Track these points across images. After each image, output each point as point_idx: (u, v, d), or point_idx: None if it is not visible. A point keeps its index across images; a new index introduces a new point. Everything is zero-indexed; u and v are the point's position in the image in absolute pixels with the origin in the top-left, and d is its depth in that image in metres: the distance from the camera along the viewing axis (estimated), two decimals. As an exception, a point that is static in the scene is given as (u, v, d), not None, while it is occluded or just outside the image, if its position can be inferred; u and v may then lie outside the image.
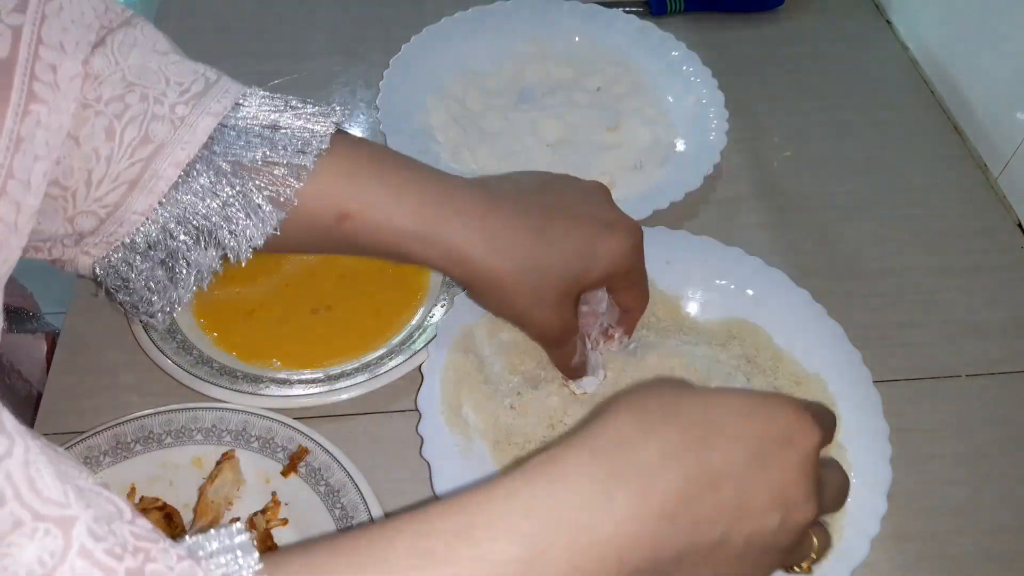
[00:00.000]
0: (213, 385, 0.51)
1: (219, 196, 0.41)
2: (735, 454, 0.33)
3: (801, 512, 0.34)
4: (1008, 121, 0.66)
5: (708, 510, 0.32)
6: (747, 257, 0.58)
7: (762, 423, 0.34)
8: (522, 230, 0.45)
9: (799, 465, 0.33)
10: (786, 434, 0.34)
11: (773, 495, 0.33)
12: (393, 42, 0.72)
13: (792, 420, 0.34)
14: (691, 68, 0.71)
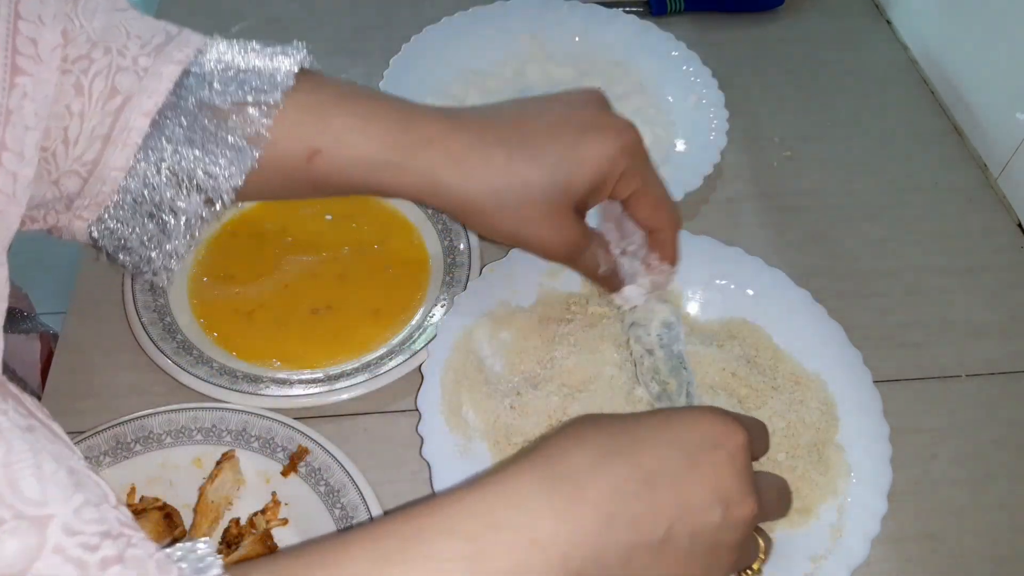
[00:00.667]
0: (213, 385, 0.51)
1: (193, 141, 0.41)
2: (665, 455, 0.34)
3: (741, 507, 0.34)
4: (1008, 121, 0.66)
5: (647, 508, 0.33)
6: (747, 257, 0.58)
7: (686, 429, 0.35)
8: (493, 148, 0.43)
9: (729, 463, 0.35)
10: (711, 437, 0.35)
11: (711, 491, 0.34)
12: (393, 42, 0.72)
13: (715, 423, 0.35)
14: (691, 68, 0.71)
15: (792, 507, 0.47)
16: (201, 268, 0.60)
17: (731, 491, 0.34)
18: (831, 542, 0.46)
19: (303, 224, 0.62)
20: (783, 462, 0.49)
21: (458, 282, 0.57)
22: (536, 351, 0.54)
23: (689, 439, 0.35)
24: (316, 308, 0.58)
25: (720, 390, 0.52)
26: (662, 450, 0.34)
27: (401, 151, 0.42)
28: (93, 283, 0.59)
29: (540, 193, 0.43)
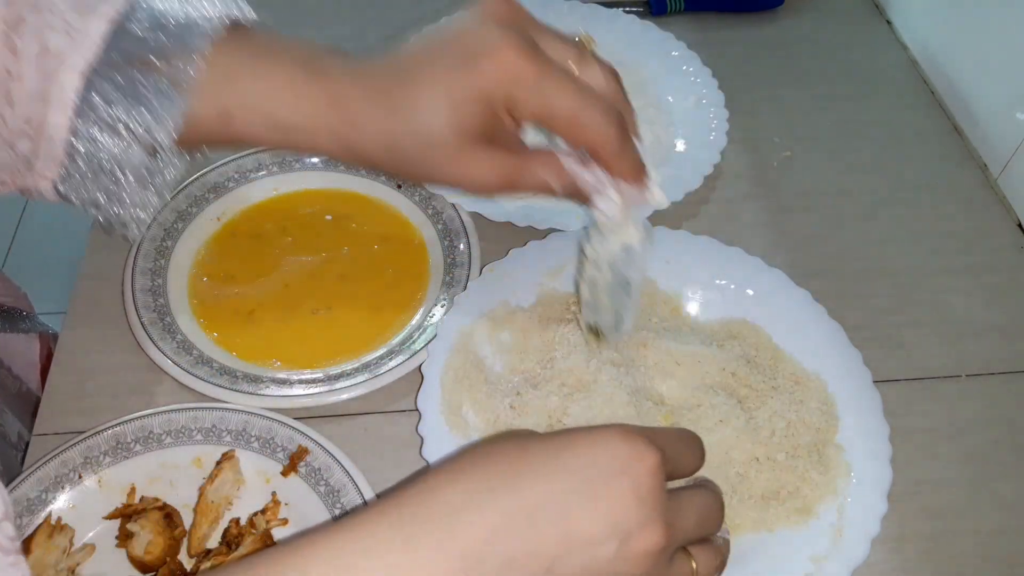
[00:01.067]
0: (213, 385, 0.51)
1: (126, 94, 0.41)
2: (553, 488, 0.32)
3: (641, 538, 0.32)
4: (1008, 121, 0.66)
5: (525, 546, 0.31)
6: (747, 257, 0.58)
7: (586, 455, 0.33)
8: (383, 103, 0.42)
9: (631, 492, 0.32)
10: (615, 463, 0.33)
11: (604, 524, 0.32)
12: (393, 42, 0.72)
13: (619, 447, 0.33)
14: (691, 68, 0.71)
15: (792, 507, 0.48)
16: (201, 268, 0.60)
17: (629, 521, 0.32)
18: (831, 542, 0.46)
19: (303, 224, 0.62)
20: (783, 462, 0.49)
21: (458, 282, 0.57)
22: (536, 351, 0.54)
23: (588, 465, 0.33)
24: (316, 308, 0.58)
25: (720, 390, 0.52)
26: (553, 480, 0.32)
27: (307, 117, 0.43)
28: (93, 283, 0.59)
29: (439, 137, 0.42)
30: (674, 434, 0.38)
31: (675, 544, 0.34)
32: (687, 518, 0.35)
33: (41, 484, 0.48)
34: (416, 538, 0.31)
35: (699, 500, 0.37)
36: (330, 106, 0.42)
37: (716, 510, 0.38)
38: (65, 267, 1.83)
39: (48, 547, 0.45)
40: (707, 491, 0.38)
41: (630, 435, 0.34)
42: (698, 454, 0.39)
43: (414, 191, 0.63)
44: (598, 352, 0.52)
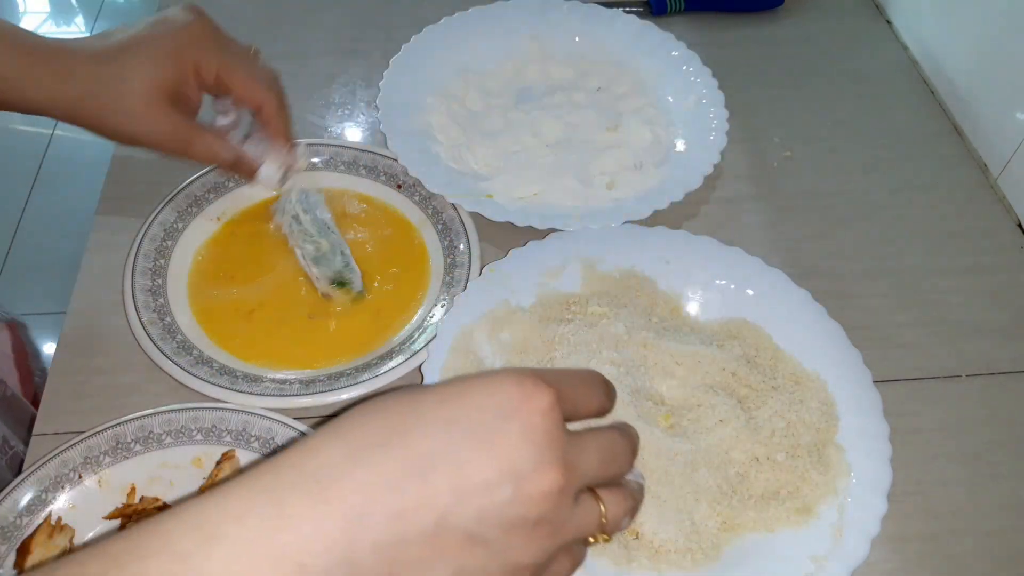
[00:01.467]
0: (213, 385, 0.51)
1: None
2: (443, 437, 0.32)
3: (536, 480, 0.32)
4: (1008, 121, 0.66)
5: (412, 499, 0.30)
6: (747, 257, 0.58)
7: (476, 401, 0.32)
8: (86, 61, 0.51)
9: (523, 434, 0.32)
10: (505, 406, 0.32)
11: (496, 469, 0.31)
12: (393, 42, 0.72)
13: (510, 391, 0.33)
14: (691, 68, 0.71)
15: (792, 507, 0.48)
16: (201, 269, 0.60)
17: (523, 463, 0.31)
18: (831, 542, 0.46)
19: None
20: (783, 462, 0.49)
21: (458, 282, 0.57)
22: (536, 351, 0.54)
23: (477, 411, 0.32)
24: (316, 308, 0.58)
25: (720, 390, 0.52)
26: (441, 430, 0.32)
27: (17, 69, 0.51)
28: (93, 283, 0.59)
29: (128, 92, 0.52)
30: (573, 373, 0.37)
31: (576, 484, 0.34)
32: (589, 458, 0.34)
33: (41, 484, 0.48)
34: (291, 501, 0.30)
35: (602, 439, 0.36)
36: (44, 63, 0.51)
37: (622, 450, 0.37)
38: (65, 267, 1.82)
39: (48, 547, 0.45)
40: (612, 431, 0.37)
41: (520, 377, 0.33)
42: (600, 393, 0.38)
43: (414, 191, 0.63)
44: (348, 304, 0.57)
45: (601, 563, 0.46)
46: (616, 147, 0.66)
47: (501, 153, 0.66)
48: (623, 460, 0.37)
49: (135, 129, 0.53)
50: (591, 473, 0.34)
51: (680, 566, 0.46)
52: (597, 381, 0.38)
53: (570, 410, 0.35)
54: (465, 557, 0.31)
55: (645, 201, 0.61)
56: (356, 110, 0.72)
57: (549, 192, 0.63)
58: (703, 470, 0.48)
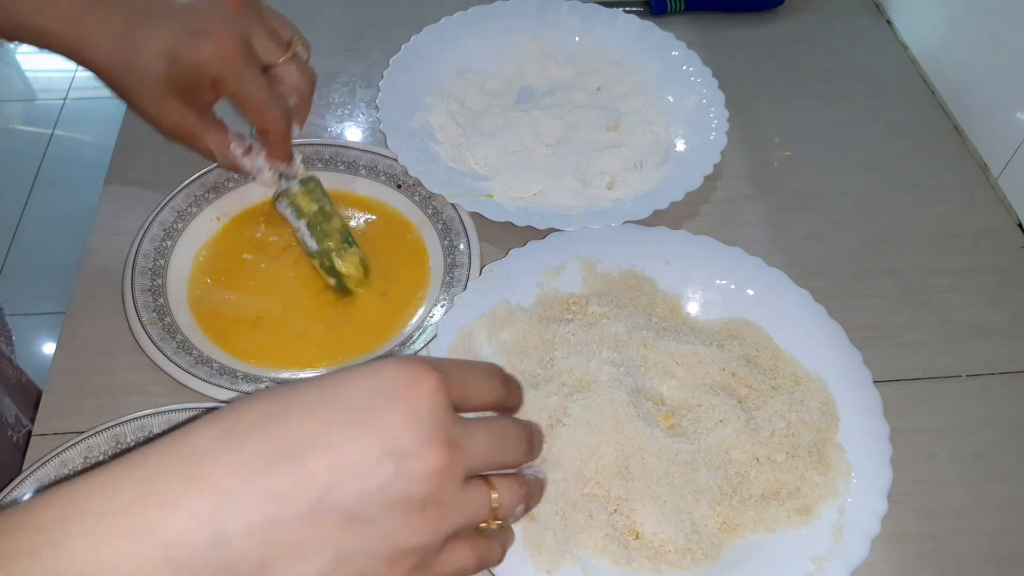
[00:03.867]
0: (213, 385, 0.51)
1: None
2: (322, 418, 0.31)
3: (419, 459, 0.32)
4: (1008, 121, 0.66)
5: (288, 479, 0.30)
6: (747, 257, 0.58)
7: (360, 383, 0.33)
8: (110, 31, 0.50)
9: (406, 413, 0.32)
10: (389, 387, 0.32)
11: (377, 448, 0.31)
12: (393, 42, 0.72)
13: (394, 373, 0.33)
14: (691, 68, 0.71)
15: (792, 507, 0.48)
16: (201, 268, 0.60)
17: (405, 442, 0.31)
18: (832, 542, 0.46)
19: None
20: (783, 462, 0.49)
21: (458, 282, 0.57)
22: (536, 351, 0.54)
23: (359, 393, 0.32)
24: (316, 308, 0.58)
25: (720, 390, 0.52)
26: (321, 413, 0.31)
27: (41, 19, 0.50)
28: (93, 284, 0.59)
29: (149, 76, 0.51)
30: (467, 363, 0.37)
31: (463, 466, 0.33)
32: (477, 441, 0.34)
33: (41, 484, 0.47)
34: (159, 480, 0.29)
35: (493, 425, 0.36)
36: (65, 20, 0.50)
37: (515, 438, 0.36)
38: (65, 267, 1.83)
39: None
40: (506, 419, 0.37)
41: (406, 361, 0.33)
42: (496, 384, 0.37)
43: (414, 191, 0.63)
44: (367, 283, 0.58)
45: (600, 563, 0.46)
46: (616, 147, 0.66)
47: (501, 153, 0.66)
48: (516, 448, 0.36)
49: (146, 112, 0.53)
50: (480, 457, 0.34)
51: (680, 566, 0.46)
52: (493, 372, 0.38)
53: (459, 397, 0.35)
54: (346, 539, 0.31)
55: (645, 201, 0.61)
56: (356, 110, 0.72)
57: (549, 192, 0.63)
58: (703, 470, 0.48)
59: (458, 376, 0.35)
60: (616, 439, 0.49)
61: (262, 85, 0.54)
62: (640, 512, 0.47)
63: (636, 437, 0.49)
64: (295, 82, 0.57)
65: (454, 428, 0.33)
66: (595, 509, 0.47)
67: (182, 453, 0.30)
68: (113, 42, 0.50)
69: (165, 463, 0.30)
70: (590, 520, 0.47)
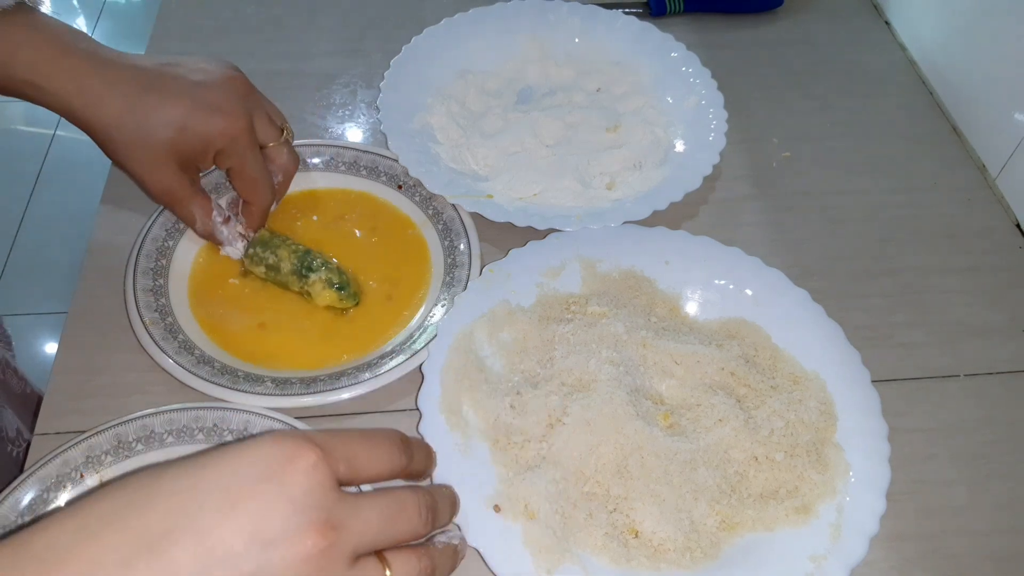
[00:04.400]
0: (215, 385, 0.51)
1: None
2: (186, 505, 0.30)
3: (293, 544, 0.30)
4: (1007, 121, 0.66)
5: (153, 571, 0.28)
6: (746, 257, 0.58)
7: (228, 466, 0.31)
8: (121, 94, 0.52)
9: (278, 495, 0.30)
10: (261, 468, 0.31)
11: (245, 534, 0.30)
12: (393, 42, 0.73)
13: (268, 452, 0.31)
14: (691, 69, 0.71)
15: (791, 506, 0.48)
16: (201, 270, 0.60)
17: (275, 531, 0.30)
18: (831, 542, 0.47)
19: (303, 224, 0.62)
20: (782, 461, 0.49)
21: (458, 282, 0.57)
22: (536, 351, 0.54)
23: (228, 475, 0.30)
24: (316, 308, 0.58)
25: (719, 389, 0.52)
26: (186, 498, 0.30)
27: (44, 78, 0.51)
28: (95, 284, 0.59)
29: (153, 141, 0.53)
30: (358, 434, 0.35)
31: (348, 545, 0.32)
32: (366, 517, 0.33)
33: (43, 484, 0.48)
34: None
35: (385, 499, 0.34)
36: (63, 78, 0.51)
37: (412, 509, 0.35)
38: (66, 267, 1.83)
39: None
40: (403, 490, 0.35)
41: (282, 438, 0.32)
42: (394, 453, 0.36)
43: (414, 191, 0.63)
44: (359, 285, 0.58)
45: (600, 561, 0.46)
46: (616, 147, 0.66)
47: (501, 153, 0.66)
48: (412, 520, 0.35)
49: (133, 172, 0.55)
50: (369, 534, 0.33)
51: (679, 565, 0.46)
52: (390, 440, 0.36)
53: (347, 471, 0.33)
54: None
55: (645, 201, 0.61)
56: (356, 111, 0.72)
57: (549, 192, 0.63)
58: (702, 469, 0.49)
59: (344, 449, 0.33)
60: (615, 438, 0.49)
61: (260, 162, 0.57)
62: (639, 511, 0.47)
63: (635, 436, 0.49)
64: (284, 163, 0.59)
65: (336, 507, 0.31)
66: (595, 508, 0.47)
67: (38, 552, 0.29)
68: (123, 104, 0.52)
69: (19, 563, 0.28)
70: (590, 519, 0.47)
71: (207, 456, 0.32)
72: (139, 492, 0.30)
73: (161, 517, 0.29)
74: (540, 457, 0.49)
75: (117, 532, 0.29)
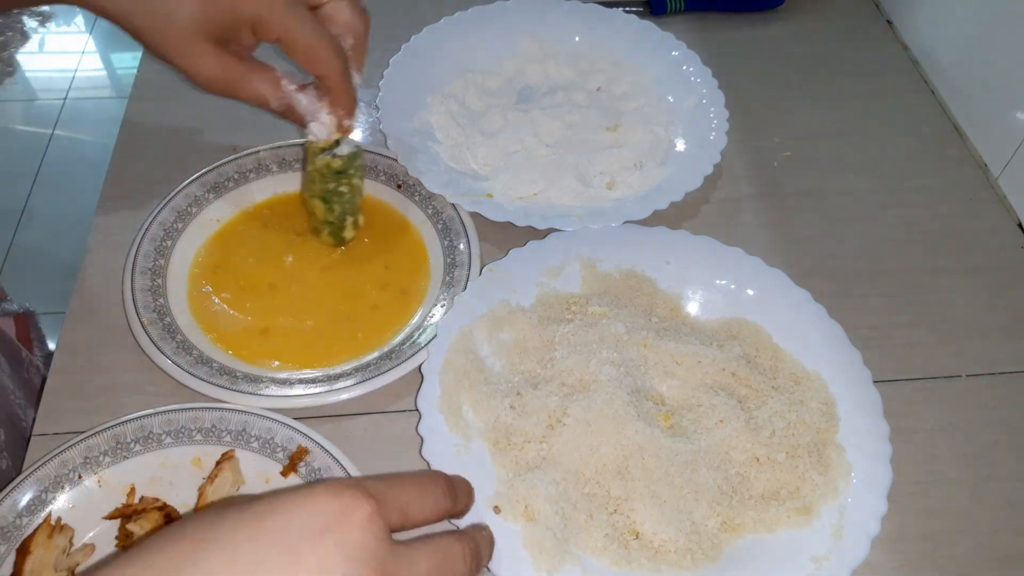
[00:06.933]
0: (213, 385, 0.51)
1: None
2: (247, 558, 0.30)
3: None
4: (1008, 121, 0.66)
5: None
6: (747, 257, 0.58)
7: (286, 518, 0.31)
8: None
9: (336, 549, 0.31)
10: (318, 521, 0.31)
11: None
12: (393, 42, 0.72)
13: (325, 505, 0.32)
14: (691, 68, 0.71)
15: (792, 507, 0.48)
16: (201, 268, 0.60)
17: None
18: (832, 542, 0.46)
19: (303, 224, 0.62)
20: (783, 462, 0.49)
21: (458, 282, 0.57)
22: (536, 351, 0.54)
23: (287, 528, 0.31)
24: (315, 308, 0.58)
25: (720, 390, 0.52)
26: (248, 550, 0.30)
27: None
28: (93, 284, 0.59)
29: (190, 19, 0.47)
30: (406, 479, 0.36)
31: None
32: (420, 566, 0.33)
33: (41, 484, 0.48)
34: None
35: (434, 548, 0.35)
36: None
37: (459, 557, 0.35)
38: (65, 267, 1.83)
39: (48, 547, 0.45)
40: (448, 537, 0.36)
41: (338, 489, 0.32)
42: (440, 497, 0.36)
43: (414, 191, 0.63)
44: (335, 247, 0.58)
45: (600, 563, 0.46)
46: (616, 147, 0.66)
47: (501, 153, 0.66)
48: (458, 566, 0.35)
49: (179, 64, 0.49)
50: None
51: (680, 566, 0.46)
52: (436, 484, 0.37)
53: (398, 519, 0.34)
54: None
55: (645, 201, 0.61)
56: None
57: (549, 192, 0.63)
58: (703, 470, 0.48)
59: (395, 497, 0.34)
60: (616, 439, 0.49)
61: (312, 24, 0.49)
62: (640, 512, 0.47)
63: (636, 437, 0.49)
64: (348, 20, 0.51)
65: (389, 559, 0.32)
66: (595, 509, 0.47)
67: None
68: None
69: None
70: (590, 520, 0.47)
71: (264, 505, 0.32)
72: (198, 543, 0.30)
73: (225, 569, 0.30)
74: (540, 458, 0.49)
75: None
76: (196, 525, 0.31)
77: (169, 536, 0.31)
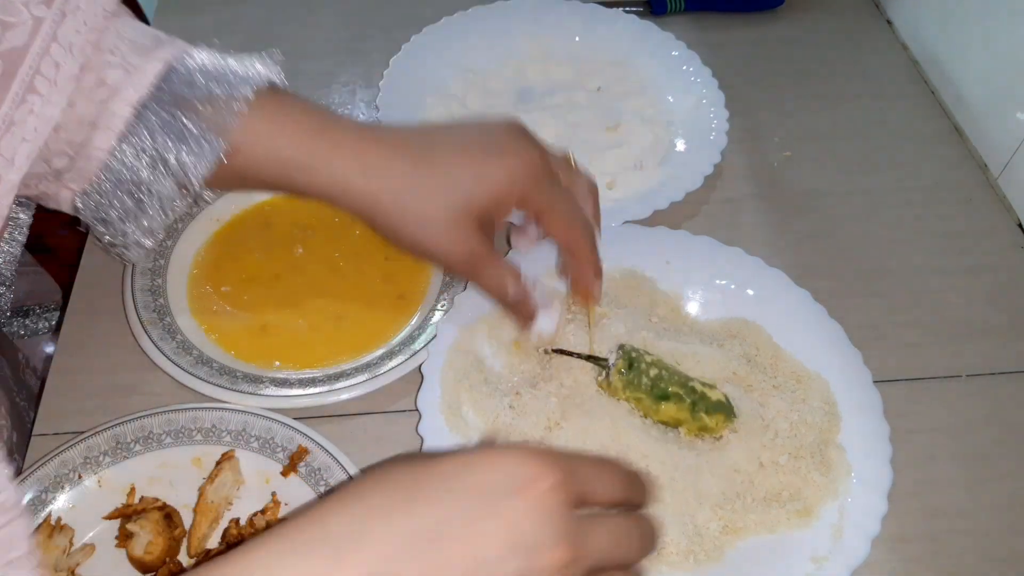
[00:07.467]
0: (213, 385, 0.51)
1: (169, 131, 0.44)
2: (456, 505, 0.32)
3: (547, 555, 0.32)
4: (1008, 121, 0.66)
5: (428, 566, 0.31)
6: (747, 257, 0.58)
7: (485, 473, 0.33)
8: (400, 158, 0.47)
9: (533, 509, 0.32)
10: (513, 480, 0.32)
11: (507, 541, 0.31)
12: (393, 42, 0.72)
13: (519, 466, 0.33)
14: (691, 68, 0.71)
15: (794, 509, 0.48)
16: (201, 269, 0.60)
17: (533, 540, 0.32)
18: (832, 542, 0.46)
19: (303, 225, 0.62)
20: (786, 464, 0.49)
21: (458, 282, 0.57)
22: (536, 352, 0.54)
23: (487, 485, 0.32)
24: (316, 308, 0.58)
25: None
26: (453, 499, 0.32)
27: (312, 155, 0.47)
28: (93, 284, 0.59)
29: (444, 200, 0.47)
30: (591, 459, 0.37)
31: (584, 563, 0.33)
32: (598, 539, 0.34)
33: (41, 484, 0.48)
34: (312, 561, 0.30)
35: (612, 523, 0.36)
36: (335, 152, 0.47)
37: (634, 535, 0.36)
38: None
39: (48, 547, 0.45)
40: (625, 517, 0.37)
41: (529, 455, 0.33)
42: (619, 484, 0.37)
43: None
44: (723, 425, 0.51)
45: (601, 563, 0.45)
46: (616, 147, 0.66)
47: (501, 153, 0.66)
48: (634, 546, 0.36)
49: (428, 241, 0.48)
50: (599, 555, 0.34)
51: (681, 568, 0.46)
52: (618, 471, 0.37)
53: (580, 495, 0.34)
54: None
55: (645, 201, 0.61)
56: (356, 110, 0.72)
57: (549, 192, 0.63)
58: (706, 474, 0.48)
59: (581, 474, 0.35)
60: (613, 445, 0.49)
61: (570, 199, 0.50)
62: (640, 512, 0.47)
63: (635, 441, 0.49)
64: (583, 192, 0.52)
65: (576, 526, 0.33)
66: (595, 509, 0.47)
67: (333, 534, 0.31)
68: (409, 168, 0.47)
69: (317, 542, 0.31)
70: (590, 520, 0.47)
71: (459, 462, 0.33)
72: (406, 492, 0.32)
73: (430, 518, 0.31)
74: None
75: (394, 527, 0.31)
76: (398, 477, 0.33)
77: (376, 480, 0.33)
